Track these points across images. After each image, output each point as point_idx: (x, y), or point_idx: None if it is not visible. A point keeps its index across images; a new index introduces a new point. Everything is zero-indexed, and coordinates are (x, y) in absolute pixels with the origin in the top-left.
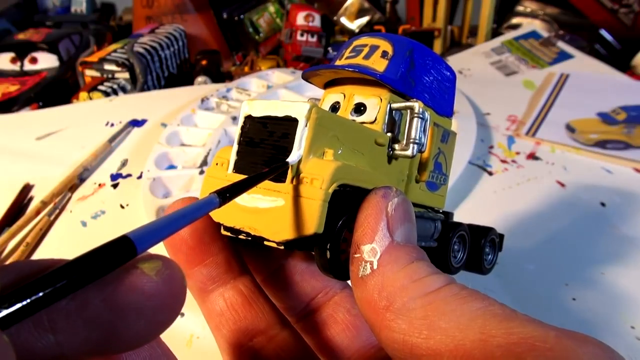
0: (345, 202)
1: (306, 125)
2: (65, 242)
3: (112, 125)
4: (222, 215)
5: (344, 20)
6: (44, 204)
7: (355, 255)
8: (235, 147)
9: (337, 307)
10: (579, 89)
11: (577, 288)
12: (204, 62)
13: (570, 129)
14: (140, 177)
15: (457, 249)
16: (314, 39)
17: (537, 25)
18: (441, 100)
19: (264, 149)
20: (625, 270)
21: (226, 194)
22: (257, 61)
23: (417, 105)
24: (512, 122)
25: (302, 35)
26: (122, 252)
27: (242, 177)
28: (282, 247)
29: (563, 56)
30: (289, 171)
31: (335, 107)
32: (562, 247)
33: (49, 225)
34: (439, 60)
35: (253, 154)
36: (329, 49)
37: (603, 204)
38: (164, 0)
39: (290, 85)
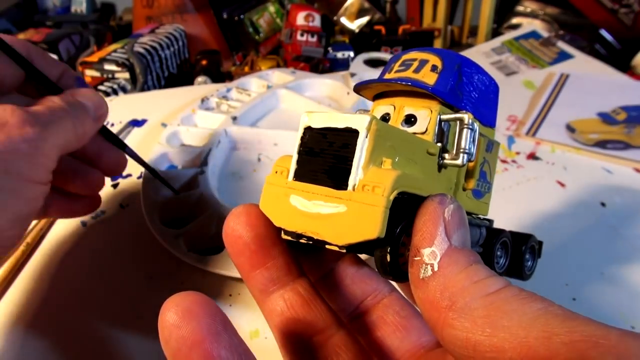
0: (403, 209)
1: (367, 136)
2: (65, 242)
3: (112, 125)
4: (283, 220)
5: (344, 20)
6: None
7: (416, 258)
8: (295, 156)
9: (387, 310)
10: (579, 89)
11: (577, 288)
12: (204, 62)
13: (570, 129)
14: (140, 177)
15: (500, 254)
16: (314, 39)
17: (537, 25)
18: (485, 111)
19: (324, 158)
20: (625, 270)
21: None
22: (257, 61)
23: (466, 116)
24: (512, 122)
25: (302, 35)
26: None
27: (302, 184)
28: (344, 251)
29: (563, 56)
30: (350, 179)
31: (385, 118)
32: (562, 247)
33: (49, 225)
34: (483, 72)
35: (313, 162)
36: (329, 49)
37: (603, 204)
38: (164, 0)
39: (290, 86)
